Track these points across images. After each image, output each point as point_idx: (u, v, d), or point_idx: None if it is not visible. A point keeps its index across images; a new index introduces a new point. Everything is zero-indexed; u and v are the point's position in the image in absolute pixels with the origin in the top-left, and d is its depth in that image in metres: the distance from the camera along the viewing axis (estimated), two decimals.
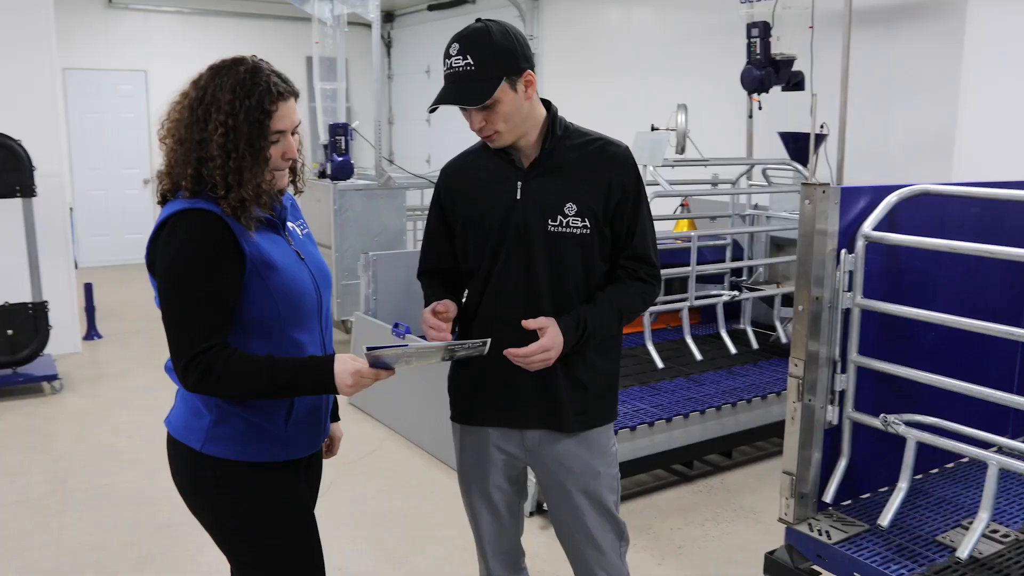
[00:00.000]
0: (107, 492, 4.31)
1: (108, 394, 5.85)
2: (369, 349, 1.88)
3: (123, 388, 5.95)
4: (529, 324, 2.12)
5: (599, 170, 2.18)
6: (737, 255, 5.93)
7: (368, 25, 7.37)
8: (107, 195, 10.73)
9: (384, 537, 3.86)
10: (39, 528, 3.92)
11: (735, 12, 5.88)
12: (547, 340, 2.10)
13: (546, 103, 2.23)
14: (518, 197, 2.18)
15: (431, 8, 11.02)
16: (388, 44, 12.29)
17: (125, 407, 5.53)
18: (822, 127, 5.79)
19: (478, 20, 2.12)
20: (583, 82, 8.84)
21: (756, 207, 6.05)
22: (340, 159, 7.06)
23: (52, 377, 5.76)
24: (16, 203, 5.60)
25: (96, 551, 3.72)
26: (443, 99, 2.10)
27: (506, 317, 2.17)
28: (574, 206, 2.16)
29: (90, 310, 7.22)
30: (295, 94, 1.99)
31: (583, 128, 2.28)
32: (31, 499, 4.22)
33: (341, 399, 2.05)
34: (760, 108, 5.90)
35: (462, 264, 2.31)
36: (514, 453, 2.32)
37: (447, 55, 2.10)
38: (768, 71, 5.66)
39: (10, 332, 5.58)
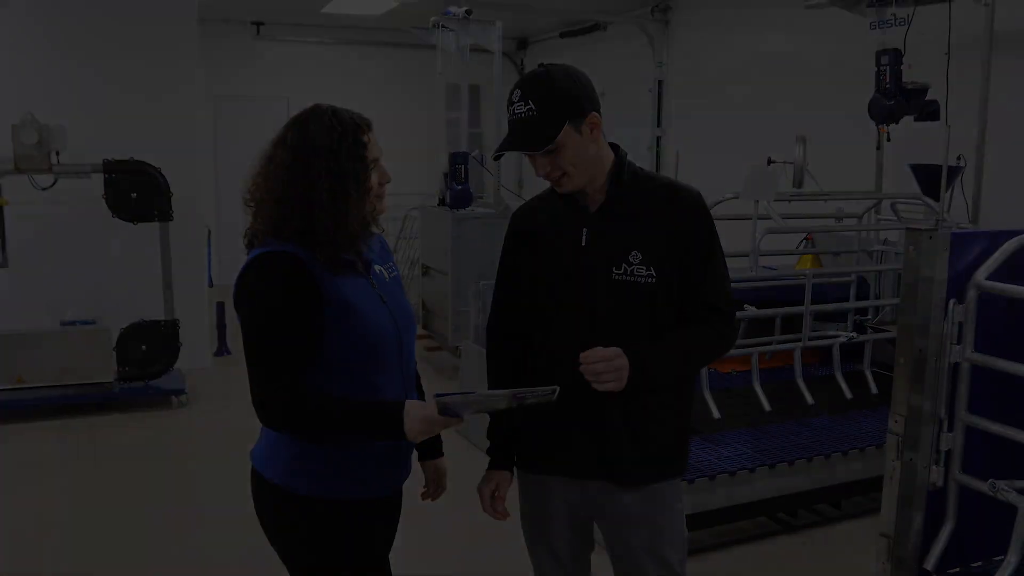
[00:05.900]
0: (199, 512, 4.47)
1: (227, 411, 6.03)
2: (438, 396, 1.89)
3: (245, 403, 6.15)
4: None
5: (666, 217, 2.11)
6: (863, 293, 5.62)
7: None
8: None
9: None
10: (121, 552, 4.04)
11: (864, 39, 5.60)
12: (609, 351, 2.01)
13: (614, 147, 2.18)
14: (583, 244, 2.13)
15: (562, 36, 11.09)
16: (522, 71, 12.41)
17: (244, 423, 5.72)
18: (959, 159, 5.42)
19: (540, 65, 2.10)
20: (709, 109, 8.62)
21: (885, 243, 5.72)
22: (459, 187, 7.15)
23: (179, 391, 6.08)
24: (154, 226, 5.95)
25: None
26: (506, 146, 2.09)
27: (567, 366, 2.08)
28: (639, 254, 2.09)
29: (221, 327, 7.55)
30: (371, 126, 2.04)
31: (652, 172, 2.22)
32: (125, 518, 4.37)
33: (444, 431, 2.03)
34: (889, 139, 5.59)
35: (529, 313, 2.25)
36: (576, 504, 2.25)
37: (510, 101, 2.08)
38: (899, 100, 5.36)
39: (143, 347, 5.94)
